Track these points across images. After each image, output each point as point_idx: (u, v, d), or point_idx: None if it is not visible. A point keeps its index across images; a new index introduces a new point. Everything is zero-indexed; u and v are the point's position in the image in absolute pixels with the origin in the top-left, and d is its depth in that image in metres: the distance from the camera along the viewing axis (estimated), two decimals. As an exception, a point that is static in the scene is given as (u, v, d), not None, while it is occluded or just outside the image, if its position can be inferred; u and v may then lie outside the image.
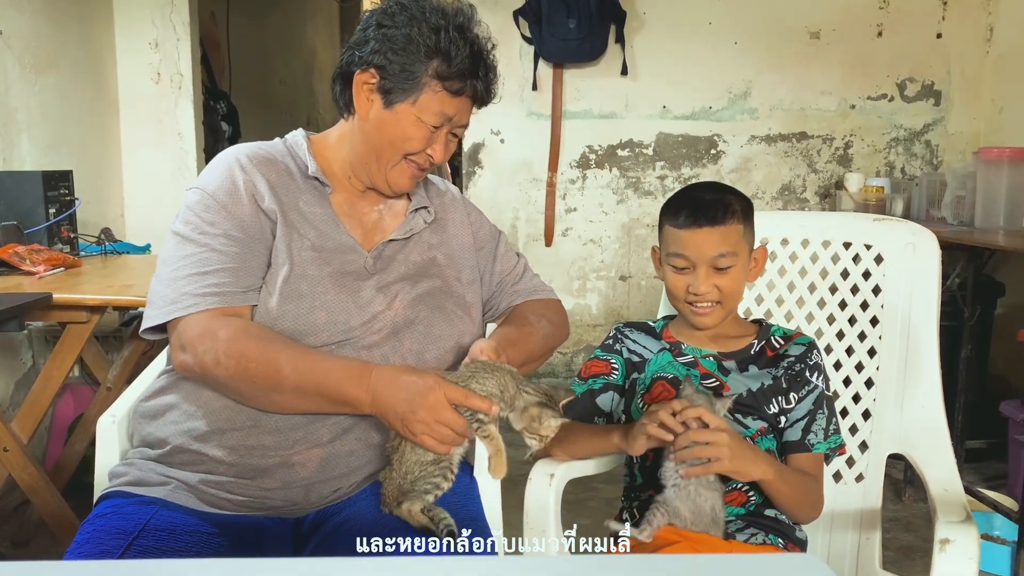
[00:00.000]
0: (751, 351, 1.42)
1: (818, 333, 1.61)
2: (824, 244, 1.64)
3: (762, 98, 3.70)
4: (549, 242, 3.78)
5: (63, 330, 2.14)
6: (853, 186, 3.46)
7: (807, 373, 1.38)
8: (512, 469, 1.19)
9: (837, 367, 1.60)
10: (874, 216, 1.65)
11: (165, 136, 3.41)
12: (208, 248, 1.23)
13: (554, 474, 1.34)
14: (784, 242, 1.66)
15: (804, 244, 1.65)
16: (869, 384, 1.57)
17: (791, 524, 1.36)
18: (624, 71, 3.62)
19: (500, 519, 1.36)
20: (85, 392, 2.85)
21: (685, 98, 3.71)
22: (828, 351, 1.60)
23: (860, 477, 1.55)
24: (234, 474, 1.21)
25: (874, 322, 1.59)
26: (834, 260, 1.63)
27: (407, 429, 1.13)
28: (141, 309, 1.50)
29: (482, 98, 1.32)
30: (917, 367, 1.53)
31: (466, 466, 1.35)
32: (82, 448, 2.50)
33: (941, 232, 2.14)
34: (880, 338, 1.57)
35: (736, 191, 1.41)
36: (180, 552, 1.10)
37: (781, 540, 1.32)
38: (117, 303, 2.06)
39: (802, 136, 3.74)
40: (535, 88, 3.65)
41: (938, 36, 3.66)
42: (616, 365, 1.47)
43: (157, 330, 1.26)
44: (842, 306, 1.62)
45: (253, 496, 1.22)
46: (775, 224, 1.67)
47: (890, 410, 1.54)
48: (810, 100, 3.71)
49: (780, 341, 1.43)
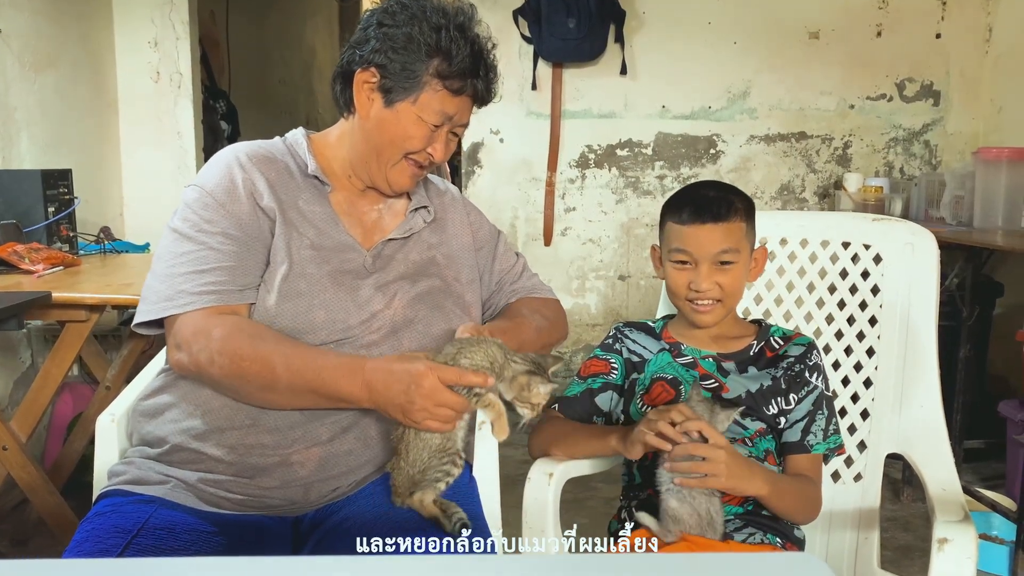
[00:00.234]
0: (750, 352, 1.42)
1: (817, 333, 1.61)
2: (823, 244, 1.64)
3: (761, 98, 3.70)
4: (548, 242, 3.78)
5: (62, 329, 2.14)
6: (852, 186, 3.46)
7: (807, 374, 1.38)
8: (511, 469, 1.19)
9: (836, 367, 1.60)
10: (873, 216, 1.65)
11: (164, 135, 3.41)
12: (205, 246, 1.22)
13: (553, 473, 1.34)
14: (783, 242, 1.66)
15: (803, 244, 1.65)
16: (867, 384, 1.57)
17: (789, 523, 1.35)
18: (623, 71, 3.62)
19: (499, 518, 1.36)
20: (84, 391, 2.85)
21: (684, 98, 3.71)
22: (827, 351, 1.60)
23: (858, 477, 1.55)
24: (233, 473, 1.21)
25: (873, 322, 1.59)
26: (833, 260, 1.63)
27: (409, 419, 1.13)
28: (140, 308, 1.49)
29: (482, 97, 1.32)
30: (916, 367, 1.53)
31: (466, 465, 1.35)
32: (81, 447, 2.50)
33: (940, 232, 2.14)
34: (879, 338, 1.57)
35: (738, 190, 1.41)
36: (179, 551, 1.10)
37: (779, 539, 1.32)
38: (116, 302, 2.06)
39: (801, 136, 3.74)
40: (534, 88, 3.65)
41: (937, 36, 3.66)
42: (615, 365, 1.47)
43: (150, 326, 1.26)
44: (841, 306, 1.62)
45: (252, 495, 1.22)
46: (774, 224, 1.67)
47: (888, 410, 1.55)
48: (809, 100, 3.71)
49: (779, 341, 1.43)
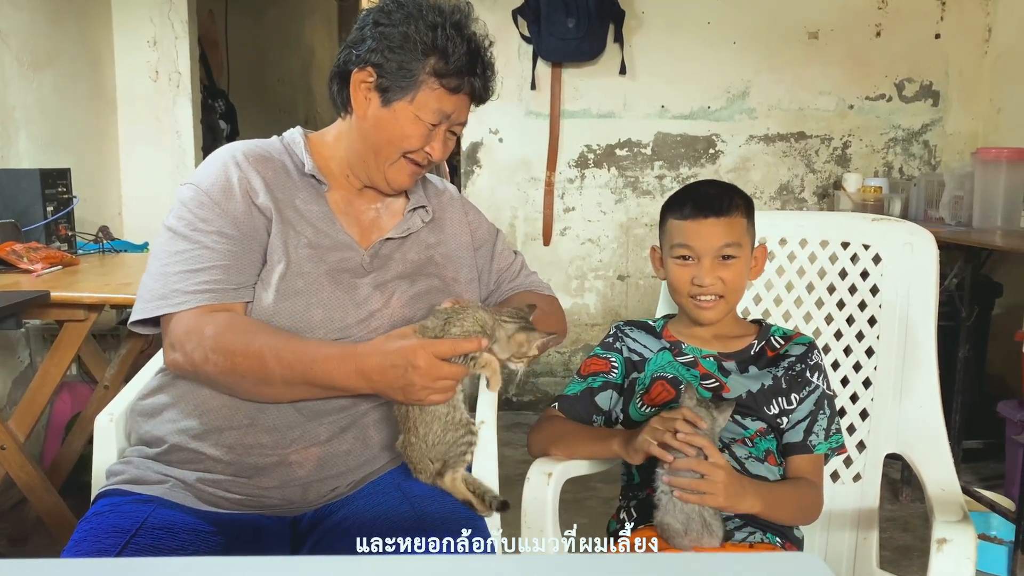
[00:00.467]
0: (751, 351, 1.42)
1: (816, 333, 1.61)
2: (822, 244, 1.64)
3: (760, 98, 3.70)
4: (547, 241, 3.78)
5: (60, 328, 2.14)
6: (851, 186, 3.46)
7: (808, 373, 1.38)
8: (510, 469, 1.19)
9: (835, 367, 1.60)
10: (872, 216, 1.65)
11: (163, 134, 3.41)
12: (200, 245, 1.22)
13: (552, 473, 1.33)
14: (782, 242, 1.66)
15: (802, 244, 1.65)
16: (867, 384, 1.57)
17: (788, 524, 1.36)
18: (623, 70, 3.61)
19: (498, 518, 1.35)
20: (82, 390, 2.85)
21: (684, 98, 3.71)
22: (826, 351, 1.60)
23: (858, 477, 1.55)
24: (231, 473, 1.21)
25: (872, 322, 1.59)
26: (832, 260, 1.63)
27: (411, 399, 1.13)
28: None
29: (480, 95, 1.32)
30: (915, 367, 1.53)
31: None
32: (79, 446, 2.49)
33: (939, 232, 2.14)
34: (878, 338, 1.57)
35: (738, 189, 1.42)
36: (177, 550, 1.10)
37: (778, 539, 1.32)
38: (115, 301, 2.06)
39: (800, 136, 3.74)
40: (534, 87, 3.65)
41: (936, 36, 3.66)
42: (616, 363, 1.47)
43: (146, 324, 1.25)
44: (840, 306, 1.62)
45: (250, 495, 1.21)
46: (773, 224, 1.67)
47: (888, 410, 1.55)
48: (808, 100, 3.71)
49: (780, 341, 1.43)
